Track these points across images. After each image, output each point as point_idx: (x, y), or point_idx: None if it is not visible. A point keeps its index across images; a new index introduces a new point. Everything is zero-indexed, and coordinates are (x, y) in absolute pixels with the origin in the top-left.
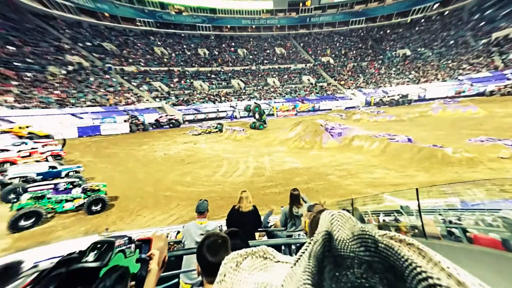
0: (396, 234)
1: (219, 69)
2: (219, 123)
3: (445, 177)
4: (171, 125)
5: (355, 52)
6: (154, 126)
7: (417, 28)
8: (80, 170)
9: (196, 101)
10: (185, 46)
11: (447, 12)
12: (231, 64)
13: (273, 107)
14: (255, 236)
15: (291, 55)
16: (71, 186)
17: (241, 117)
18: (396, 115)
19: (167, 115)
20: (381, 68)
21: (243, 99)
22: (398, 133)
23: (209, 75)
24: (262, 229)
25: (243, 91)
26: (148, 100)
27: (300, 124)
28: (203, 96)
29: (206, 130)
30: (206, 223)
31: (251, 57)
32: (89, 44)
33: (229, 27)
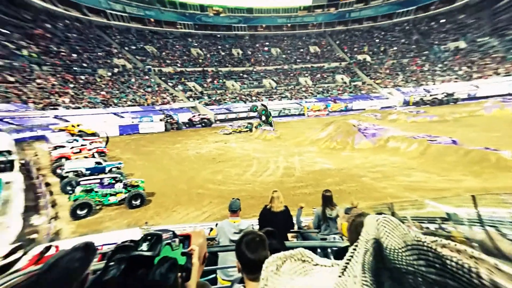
0: (464, 247)
1: (251, 68)
2: (249, 122)
3: (501, 183)
4: (203, 124)
5: (396, 48)
6: (187, 125)
7: (485, 11)
8: (121, 166)
9: (228, 101)
10: (219, 47)
11: None
12: (263, 64)
13: (304, 107)
14: (288, 237)
15: (325, 53)
16: (114, 181)
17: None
18: (438, 115)
19: (199, 115)
20: (425, 65)
21: (274, 99)
22: (440, 134)
23: (241, 74)
24: (295, 230)
25: (274, 90)
26: (182, 100)
27: (331, 124)
28: (234, 95)
29: (237, 130)
30: (239, 221)
31: (284, 56)
32: (134, 47)
33: (264, 26)
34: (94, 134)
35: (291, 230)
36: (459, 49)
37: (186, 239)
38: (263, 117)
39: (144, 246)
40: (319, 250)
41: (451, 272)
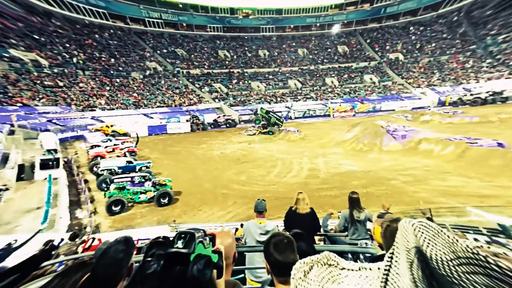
0: None
1: (277, 69)
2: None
3: None
4: (227, 125)
5: (434, 45)
6: (212, 126)
7: None
8: (150, 165)
9: (253, 102)
10: (246, 48)
11: None
12: (289, 65)
13: (329, 107)
14: (315, 240)
15: (354, 53)
16: (143, 180)
17: (295, 117)
18: (480, 115)
19: (224, 115)
20: (468, 61)
21: (299, 100)
22: (482, 136)
23: (266, 75)
24: (321, 233)
25: (299, 91)
26: (208, 101)
27: (358, 125)
28: (259, 96)
29: (261, 130)
30: (265, 222)
31: (310, 56)
32: (165, 51)
33: (292, 27)
34: (125, 134)
35: (318, 233)
36: None
37: (211, 238)
38: (263, 120)
39: (180, 244)
40: (349, 255)
41: None
